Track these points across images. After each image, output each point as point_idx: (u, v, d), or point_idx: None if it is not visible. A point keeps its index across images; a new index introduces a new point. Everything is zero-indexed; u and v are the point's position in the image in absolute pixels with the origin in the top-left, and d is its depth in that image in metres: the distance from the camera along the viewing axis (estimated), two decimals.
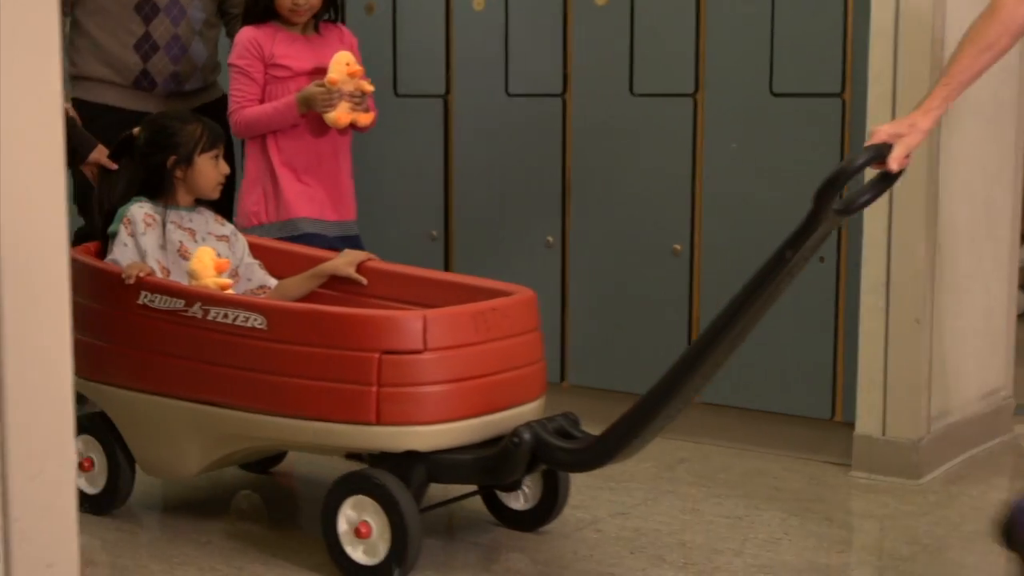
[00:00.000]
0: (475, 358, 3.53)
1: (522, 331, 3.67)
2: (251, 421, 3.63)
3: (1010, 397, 4.89)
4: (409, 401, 3.45)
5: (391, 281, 4.09)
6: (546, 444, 3.48)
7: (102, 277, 3.87)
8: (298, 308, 3.59)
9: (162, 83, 4.69)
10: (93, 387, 3.95)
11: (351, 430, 3.49)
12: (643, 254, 4.83)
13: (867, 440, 4.38)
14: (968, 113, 4.45)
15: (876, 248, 4.31)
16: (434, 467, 3.53)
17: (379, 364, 3.44)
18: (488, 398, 3.56)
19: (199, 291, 3.74)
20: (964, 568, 3.65)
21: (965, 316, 4.58)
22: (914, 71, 4.21)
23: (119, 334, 3.84)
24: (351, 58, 4.46)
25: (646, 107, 4.75)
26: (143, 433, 3.87)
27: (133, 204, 3.97)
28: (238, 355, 3.61)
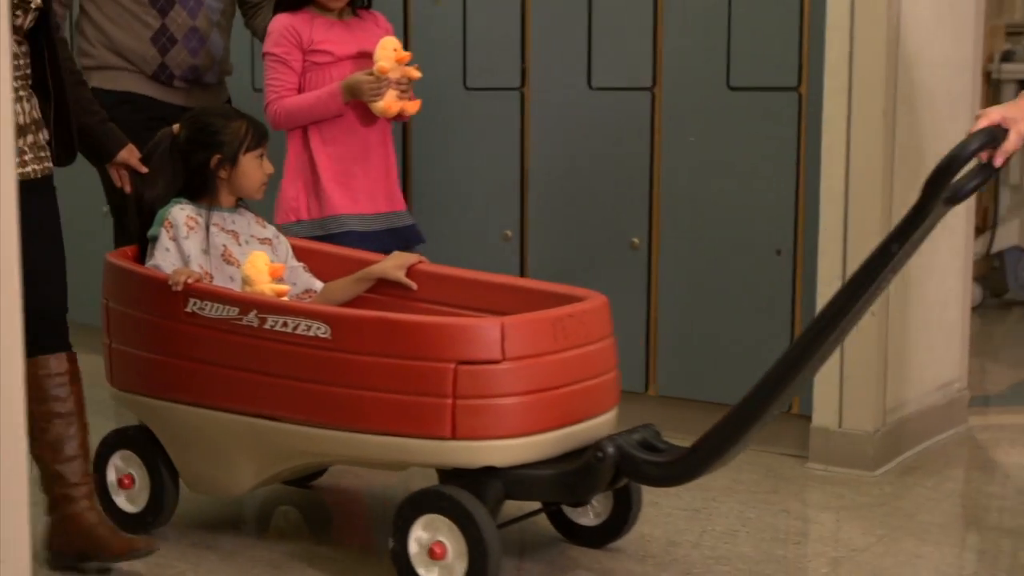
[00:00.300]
0: (554, 367, 3.34)
1: (598, 338, 3.48)
2: (312, 436, 3.43)
3: (964, 389, 4.91)
4: (487, 414, 3.26)
5: (442, 285, 3.89)
6: (631, 458, 3.30)
7: (145, 284, 3.65)
8: (366, 316, 3.39)
9: (180, 76, 4.47)
10: (135, 400, 3.73)
11: (424, 445, 3.29)
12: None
13: (823, 432, 4.40)
14: (922, 105, 4.47)
15: (832, 240, 4.32)
16: (511, 483, 3.34)
17: (455, 375, 3.25)
18: (566, 410, 3.37)
19: (255, 298, 3.52)
20: (919, 558, 3.63)
21: (920, 309, 4.60)
22: (870, 65, 4.23)
23: (164, 344, 3.62)
24: (398, 43, 4.26)
25: (603, 100, 4.68)
26: (191, 448, 3.65)
27: (174, 206, 3.76)
28: (299, 366, 3.41)
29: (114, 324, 3.75)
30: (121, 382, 3.76)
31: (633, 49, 4.68)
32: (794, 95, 4.41)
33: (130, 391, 3.73)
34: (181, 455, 3.69)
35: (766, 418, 3.22)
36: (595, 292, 3.63)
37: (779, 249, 4.46)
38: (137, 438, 3.77)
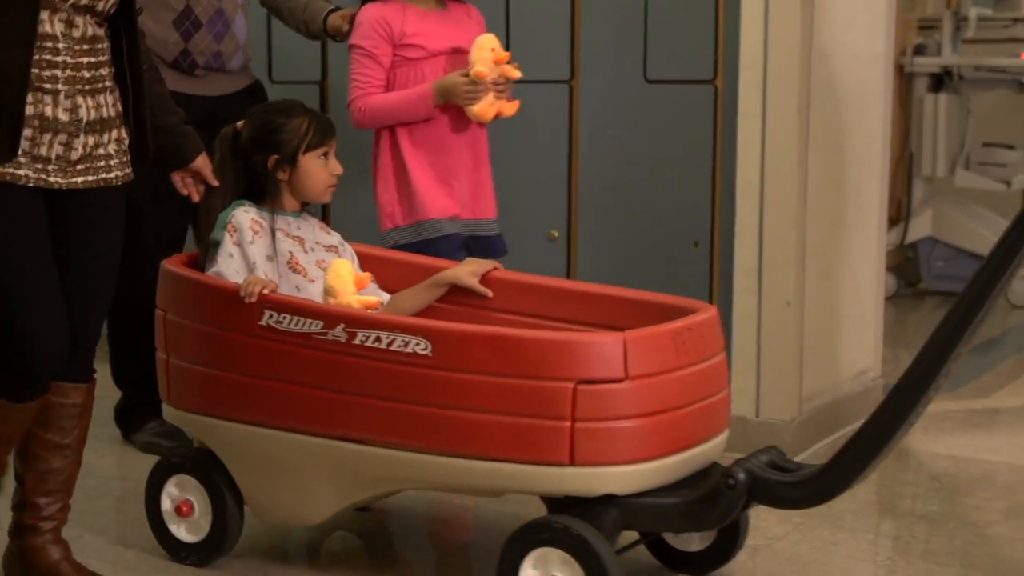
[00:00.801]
0: (675, 386, 3.09)
1: (714, 353, 3.23)
2: (406, 461, 3.15)
3: (879, 377, 4.95)
4: (607, 438, 3.00)
5: (520, 293, 3.62)
6: (764, 481, 3.05)
7: (212, 294, 3.35)
8: (473, 331, 3.10)
9: (203, 64, 4.15)
10: (197, 420, 3.43)
11: (538, 472, 3.03)
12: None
13: (741, 421, 4.34)
14: (835, 99, 4.53)
15: (748, 233, 4.36)
16: (630, 513, 3.08)
17: (574, 395, 2.98)
18: (686, 432, 3.12)
19: (342, 311, 3.23)
20: (835, 545, 3.64)
21: (836, 299, 4.66)
22: (784, 58, 4.27)
23: (234, 361, 3.32)
24: (496, 42, 3.94)
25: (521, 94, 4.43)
26: (262, 473, 3.35)
27: (237, 208, 3.45)
28: (394, 385, 3.12)
29: (173, 338, 3.44)
30: (181, 400, 3.45)
31: (551, 42, 4.63)
32: (710, 88, 4.41)
33: (192, 410, 3.42)
34: (250, 480, 3.39)
35: (912, 419, 3.00)
36: (701, 302, 3.39)
37: (696, 241, 4.46)
38: (198, 462, 3.46)
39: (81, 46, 3.03)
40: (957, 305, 2.94)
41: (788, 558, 3.54)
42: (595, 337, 3.04)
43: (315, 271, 3.48)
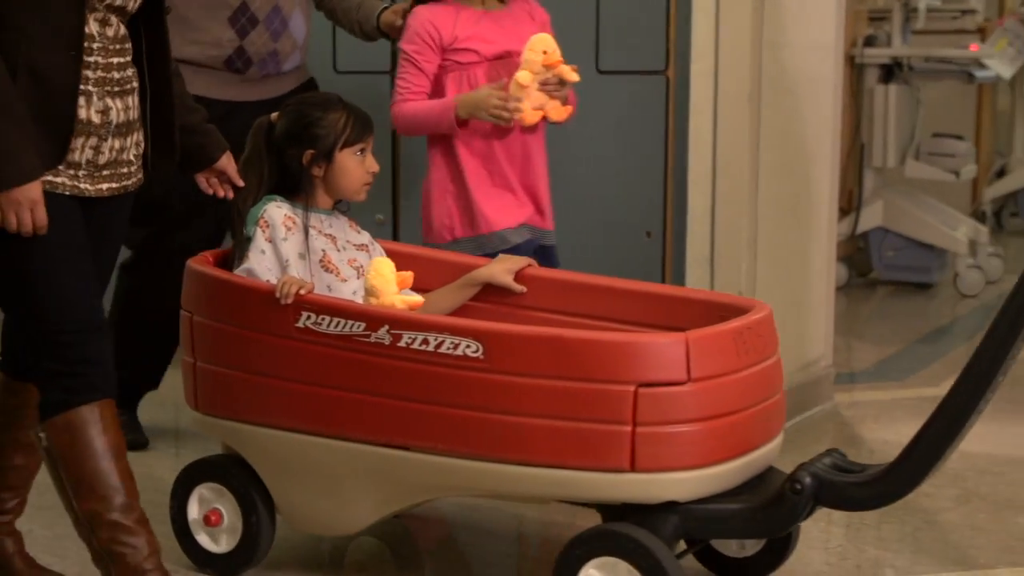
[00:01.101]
0: (736, 388, 2.98)
1: (772, 353, 3.12)
2: (454, 468, 3.03)
3: (830, 366, 4.96)
4: (669, 443, 2.90)
5: (557, 291, 3.49)
6: (832, 484, 2.96)
7: (245, 295, 3.21)
8: (528, 333, 2.98)
9: (258, 64, 3.97)
10: (227, 426, 3.29)
11: (597, 479, 2.92)
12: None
13: None
14: (786, 90, 4.54)
15: (700, 223, 4.39)
16: (690, 520, 2.97)
17: (635, 399, 2.86)
18: (746, 435, 3.02)
19: (386, 312, 3.10)
20: None
21: (786, 288, 4.64)
22: (735, 48, 4.30)
23: (269, 364, 3.18)
24: (550, 43, 3.71)
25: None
26: (297, 481, 3.22)
27: (269, 203, 3.31)
28: (442, 389, 3.00)
29: (201, 340, 3.30)
30: (210, 405, 3.31)
31: None
32: (661, 79, 4.43)
33: (222, 416, 3.28)
34: (284, 488, 3.25)
35: (982, 407, 2.92)
36: (753, 299, 3.28)
37: (649, 231, 4.49)
38: (228, 470, 3.32)
39: (113, 46, 2.91)
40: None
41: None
42: (656, 338, 2.92)
43: (347, 270, 3.34)
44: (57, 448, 2.92)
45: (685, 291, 3.44)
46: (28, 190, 2.77)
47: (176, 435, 4.47)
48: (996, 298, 6.70)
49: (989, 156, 8.56)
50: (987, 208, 8.50)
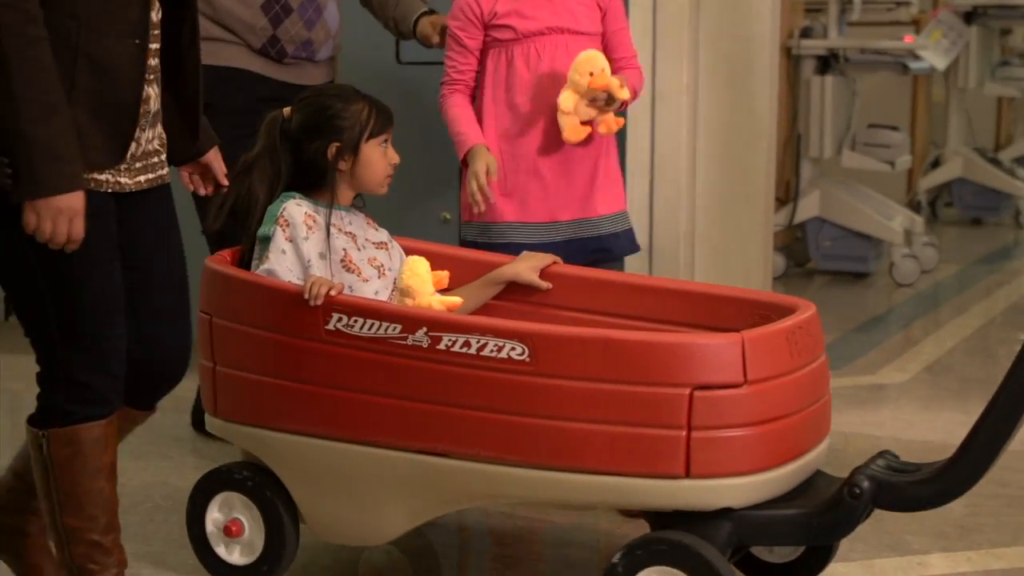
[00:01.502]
0: (791, 390, 2.89)
1: (821, 353, 3.03)
2: (496, 475, 2.91)
3: None
4: (725, 447, 2.79)
5: (583, 289, 3.39)
6: (891, 486, 2.86)
7: (270, 296, 3.07)
8: (576, 334, 2.87)
9: (292, 53, 3.79)
10: (250, 433, 3.15)
11: (650, 486, 2.81)
12: None
13: None
14: (723, 81, 4.58)
15: (639, 214, 4.42)
16: (744, 527, 2.87)
17: (690, 402, 2.76)
18: (800, 439, 2.93)
19: (423, 313, 2.98)
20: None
21: (724, 279, 4.62)
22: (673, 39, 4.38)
23: (297, 368, 3.05)
24: (597, 63, 3.48)
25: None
26: (326, 490, 3.09)
27: (288, 201, 3.17)
28: (486, 394, 2.88)
29: (222, 343, 3.16)
30: (231, 412, 3.17)
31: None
32: None
33: (244, 422, 3.15)
34: (311, 498, 3.12)
35: None
36: (788, 296, 3.19)
37: None
38: (249, 478, 3.18)
39: (153, 31, 2.77)
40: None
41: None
42: (712, 338, 2.82)
43: (369, 270, 3.22)
44: (55, 459, 2.79)
45: (716, 288, 3.33)
46: (72, 199, 2.60)
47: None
48: (931, 287, 6.90)
49: (924, 147, 8.70)
50: (922, 198, 8.67)
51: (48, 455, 2.77)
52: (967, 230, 8.81)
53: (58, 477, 2.78)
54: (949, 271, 7.35)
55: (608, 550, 3.19)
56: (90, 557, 2.83)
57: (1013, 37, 9.82)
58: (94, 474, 2.80)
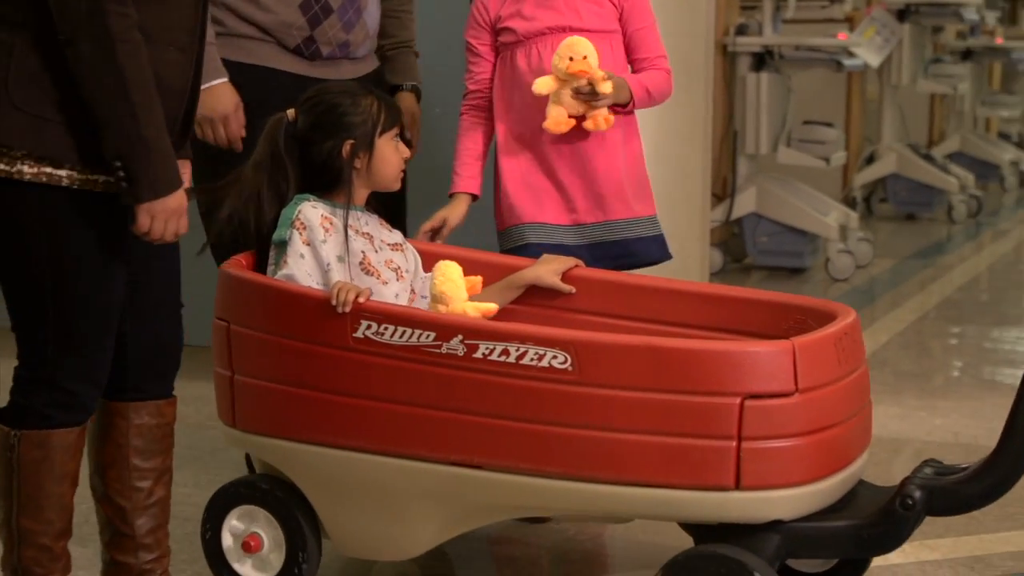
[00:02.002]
0: (839, 398, 2.81)
1: (863, 359, 2.95)
2: (538, 488, 2.81)
3: None
4: (776, 458, 2.71)
5: (605, 292, 3.30)
6: (942, 490, 2.78)
7: (294, 303, 2.95)
8: (622, 342, 2.77)
9: (327, 54, 3.62)
10: (272, 445, 3.04)
11: (698, 498, 2.72)
12: None
13: None
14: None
15: None
16: (794, 539, 2.79)
17: (740, 411, 2.67)
18: (847, 449, 2.85)
19: (459, 320, 2.88)
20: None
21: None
22: None
23: (323, 378, 2.93)
24: (579, 48, 3.35)
25: None
26: (352, 504, 2.98)
27: (303, 203, 3.06)
28: (526, 404, 2.78)
29: (240, 352, 3.04)
30: (252, 423, 3.05)
31: None
32: None
33: (266, 434, 3.03)
34: (336, 511, 3.01)
35: None
36: (832, 302, 3.11)
37: None
38: (270, 491, 3.06)
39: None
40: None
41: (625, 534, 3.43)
42: (763, 346, 2.73)
43: (387, 272, 3.11)
44: (24, 460, 2.72)
45: (743, 291, 3.25)
46: (180, 196, 2.63)
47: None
48: (866, 281, 6.96)
49: (859, 143, 8.81)
50: (857, 194, 8.77)
51: (17, 456, 2.71)
52: (901, 225, 8.90)
53: (23, 479, 2.71)
54: (883, 266, 7.42)
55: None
56: (38, 561, 2.77)
57: (945, 34, 9.97)
58: (60, 479, 2.75)
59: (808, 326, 3.01)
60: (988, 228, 8.89)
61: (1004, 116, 11.20)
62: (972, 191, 9.08)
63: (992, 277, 7.51)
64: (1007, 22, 12.70)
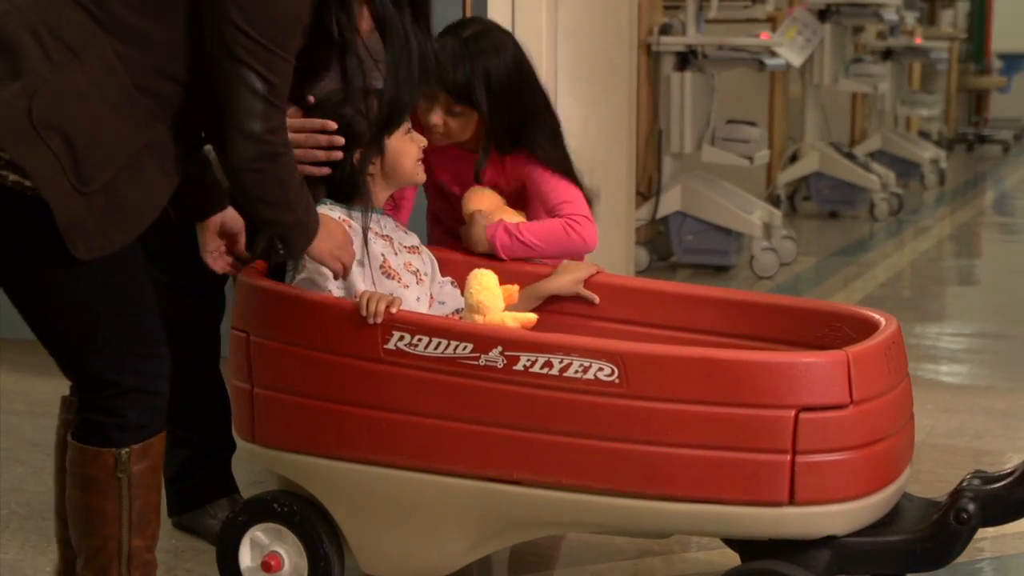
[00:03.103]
0: (891, 409, 2.73)
1: (907, 369, 2.88)
2: (582, 504, 2.72)
3: None
4: (831, 472, 2.63)
5: (629, 299, 3.22)
6: (995, 497, 2.72)
7: (320, 313, 2.83)
8: (672, 353, 2.68)
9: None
10: (295, 460, 2.91)
11: (751, 514, 2.64)
12: None
13: None
14: (582, 76, 4.63)
15: None
16: (846, 555, 2.71)
17: (795, 424, 2.59)
18: (896, 461, 2.78)
19: (498, 331, 2.77)
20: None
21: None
22: (531, 35, 4.31)
23: (352, 391, 2.82)
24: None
25: None
26: (381, 521, 2.87)
27: (320, 208, 2.94)
28: (571, 418, 2.69)
29: (261, 364, 2.91)
30: (273, 438, 2.93)
31: None
32: None
33: (289, 449, 2.90)
34: (363, 529, 2.89)
35: None
36: (871, 310, 3.03)
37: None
38: (292, 509, 2.94)
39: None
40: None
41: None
42: (818, 357, 2.65)
43: (407, 275, 3.01)
44: (133, 477, 2.59)
45: (775, 298, 3.17)
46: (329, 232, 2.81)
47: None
48: (790, 279, 6.98)
49: (782, 141, 8.84)
50: (781, 192, 8.80)
51: (128, 475, 2.58)
52: (824, 223, 8.93)
53: (134, 496, 2.60)
54: (807, 263, 7.45)
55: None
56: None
57: (865, 35, 10.05)
58: (159, 487, 2.66)
59: (844, 334, 2.94)
60: (909, 225, 8.94)
61: (924, 115, 11.31)
62: (893, 189, 9.14)
63: (914, 274, 7.55)
64: (926, 22, 12.83)
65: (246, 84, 2.45)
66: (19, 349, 4.69)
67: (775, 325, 3.08)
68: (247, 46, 2.44)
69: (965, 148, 13.96)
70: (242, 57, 2.44)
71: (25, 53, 2.37)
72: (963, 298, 7.19)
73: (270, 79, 2.46)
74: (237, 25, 2.43)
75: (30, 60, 2.37)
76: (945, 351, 5.64)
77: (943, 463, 4.01)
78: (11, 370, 4.79)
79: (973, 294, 7.31)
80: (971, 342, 5.85)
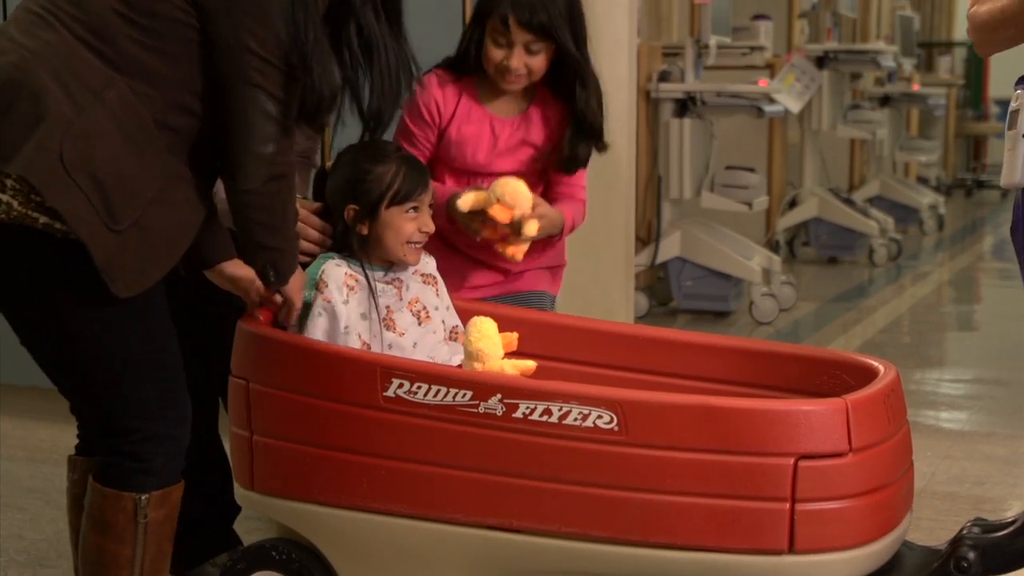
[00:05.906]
0: (889, 457, 2.73)
1: (906, 417, 2.88)
2: (579, 552, 2.71)
3: None
4: (831, 520, 2.63)
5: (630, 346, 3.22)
6: (995, 546, 2.74)
7: (319, 360, 2.83)
8: (671, 401, 2.68)
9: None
10: (294, 508, 2.90)
11: (751, 563, 2.63)
12: None
13: None
14: None
15: None
16: None
17: (794, 472, 2.59)
18: (896, 509, 2.77)
19: (497, 378, 2.77)
20: None
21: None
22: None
23: (351, 438, 2.82)
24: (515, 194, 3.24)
25: None
26: (380, 569, 2.86)
27: (326, 261, 2.95)
28: (570, 465, 2.68)
29: (261, 411, 2.91)
30: (272, 485, 2.92)
31: None
32: None
33: (288, 497, 2.90)
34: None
35: None
36: (869, 356, 3.03)
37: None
38: (289, 556, 2.93)
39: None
40: None
41: None
42: (817, 405, 2.65)
43: (405, 320, 3.00)
44: (151, 524, 2.62)
45: (775, 346, 3.18)
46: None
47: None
48: (790, 324, 6.99)
49: (781, 187, 8.84)
50: (780, 238, 8.84)
51: (147, 521, 2.60)
52: (823, 268, 8.94)
53: (148, 543, 2.62)
54: (807, 309, 7.46)
55: None
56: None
57: (863, 81, 10.09)
58: (172, 539, 2.67)
59: (844, 381, 2.95)
60: (908, 271, 8.96)
61: (922, 161, 11.32)
62: (892, 234, 9.18)
63: (913, 319, 7.55)
64: (923, 69, 12.88)
65: (261, 109, 2.50)
66: (17, 395, 4.70)
67: (774, 372, 3.08)
68: (261, 69, 2.48)
69: (963, 193, 14.00)
70: (257, 81, 2.49)
71: (48, 96, 2.39)
72: (963, 344, 7.21)
73: (281, 98, 2.51)
74: (251, 50, 2.47)
75: (54, 103, 2.39)
76: (945, 397, 5.64)
77: (943, 510, 4.00)
78: (10, 416, 4.79)
79: (973, 340, 7.32)
80: (971, 388, 5.85)
